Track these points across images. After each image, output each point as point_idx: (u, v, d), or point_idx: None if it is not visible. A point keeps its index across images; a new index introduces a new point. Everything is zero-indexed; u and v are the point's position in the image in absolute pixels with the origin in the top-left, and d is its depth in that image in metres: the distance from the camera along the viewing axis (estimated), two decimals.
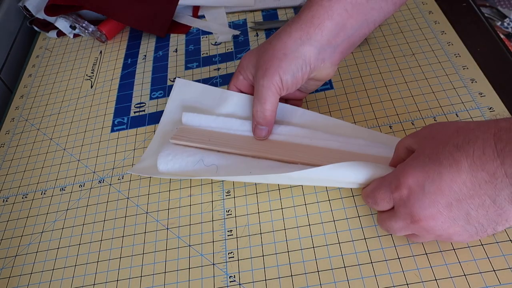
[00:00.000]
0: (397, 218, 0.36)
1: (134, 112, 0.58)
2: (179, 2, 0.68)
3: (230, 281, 0.41)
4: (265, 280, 0.40)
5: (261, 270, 0.41)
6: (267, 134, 0.47)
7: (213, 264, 0.42)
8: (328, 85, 0.54)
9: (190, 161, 0.46)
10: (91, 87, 0.64)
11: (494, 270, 0.37)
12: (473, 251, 0.39)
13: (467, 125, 0.33)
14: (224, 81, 0.59)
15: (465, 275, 0.37)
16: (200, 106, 0.53)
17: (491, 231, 0.33)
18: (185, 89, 0.54)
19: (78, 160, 0.54)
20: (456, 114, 0.48)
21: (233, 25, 0.67)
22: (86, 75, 0.66)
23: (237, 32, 0.65)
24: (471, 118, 0.47)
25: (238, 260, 0.42)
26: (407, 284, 0.38)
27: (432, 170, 0.33)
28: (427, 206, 0.33)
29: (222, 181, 0.48)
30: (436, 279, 0.37)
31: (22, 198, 0.52)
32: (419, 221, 0.34)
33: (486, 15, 0.61)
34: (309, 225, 0.43)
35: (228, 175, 0.45)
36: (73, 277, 0.44)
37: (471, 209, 0.32)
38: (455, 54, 0.53)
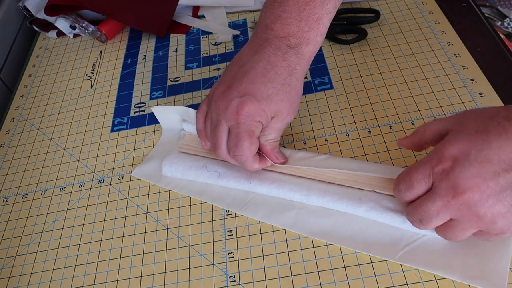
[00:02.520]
0: (436, 197, 0.33)
1: (134, 112, 0.58)
2: (179, 2, 0.68)
3: (230, 281, 0.41)
4: (265, 280, 0.40)
5: (261, 270, 0.41)
6: None
7: (213, 264, 0.42)
8: (328, 85, 0.54)
9: (194, 166, 0.48)
10: (91, 87, 0.64)
11: None
12: None
13: None
14: None
15: None
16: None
17: None
18: (168, 113, 0.52)
19: (78, 160, 0.54)
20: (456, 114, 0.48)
21: (233, 25, 0.67)
22: (86, 75, 0.66)
23: (237, 32, 0.65)
24: None
25: (238, 260, 0.42)
26: (407, 284, 0.38)
27: (479, 140, 0.31)
28: (473, 175, 0.31)
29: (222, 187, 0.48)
30: (436, 279, 0.37)
31: (22, 198, 0.52)
32: (463, 193, 0.31)
33: (486, 15, 0.61)
34: None
35: (228, 182, 0.46)
36: (73, 277, 0.44)
37: None
38: (455, 54, 0.53)
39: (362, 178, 0.42)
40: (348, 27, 0.60)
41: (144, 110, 0.58)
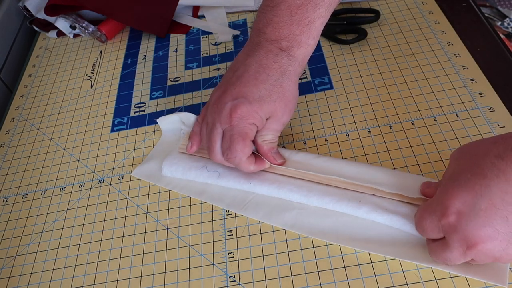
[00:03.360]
0: (451, 248, 0.33)
1: (134, 112, 0.58)
2: (179, 2, 0.68)
3: (230, 281, 0.41)
4: (265, 280, 0.40)
5: (261, 270, 0.41)
6: None
7: (213, 264, 0.42)
8: (328, 85, 0.54)
9: (194, 166, 0.48)
10: (91, 87, 0.64)
11: None
12: None
13: (502, 136, 0.32)
14: None
15: None
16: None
17: None
18: (169, 120, 0.53)
19: (78, 160, 0.54)
20: (456, 114, 0.48)
21: (233, 25, 0.67)
22: (86, 75, 0.66)
23: (237, 32, 0.65)
24: (471, 118, 0.47)
25: (238, 260, 0.42)
26: (407, 284, 0.38)
27: (478, 186, 0.31)
28: (482, 226, 0.31)
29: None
30: (436, 279, 0.37)
31: (22, 198, 0.52)
32: (476, 245, 0.31)
33: (486, 15, 0.61)
34: None
35: (228, 182, 0.46)
36: (73, 277, 0.44)
37: None
38: (455, 54, 0.53)
39: (361, 182, 0.42)
40: (348, 27, 0.60)
41: (144, 110, 0.58)
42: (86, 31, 0.70)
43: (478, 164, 0.32)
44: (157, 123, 0.55)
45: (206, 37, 0.67)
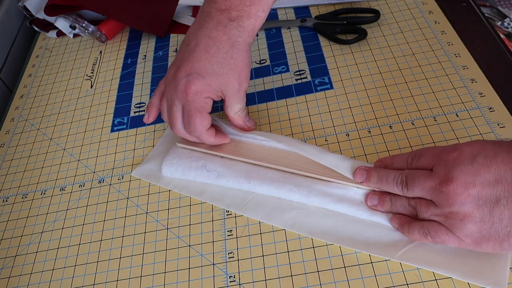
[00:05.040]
0: (430, 175, 0.36)
1: (134, 112, 0.58)
2: (179, 2, 0.68)
3: (230, 281, 0.41)
4: (265, 280, 0.40)
5: (261, 270, 0.41)
6: None
7: (213, 264, 0.42)
8: (328, 85, 0.54)
9: (193, 166, 0.48)
10: (91, 87, 0.64)
11: None
12: None
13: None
14: None
15: None
16: None
17: (500, 246, 0.33)
18: None
19: (78, 160, 0.54)
20: (456, 114, 0.48)
21: None
22: (86, 75, 0.66)
23: None
24: (471, 118, 0.47)
25: (238, 260, 0.42)
26: (407, 284, 0.38)
27: (489, 148, 0.34)
28: (467, 173, 0.33)
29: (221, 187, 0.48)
30: (436, 279, 0.37)
31: (22, 198, 0.52)
32: (451, 181, 0.34)
33: (486, 15, 0.61)
34: None
35: (228, 182, 0.46)
36: (73, 277, 0.44)
37: (503, 197, 0.32)
38: (455, 54, 0.53)
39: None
40: (348, 27, 0.60)
41: (144, 110, 0.58)
42: (86, 31, 0.70)
43: (495, 142, 0.35)
44: (157, 123, 0.55)
45: None
